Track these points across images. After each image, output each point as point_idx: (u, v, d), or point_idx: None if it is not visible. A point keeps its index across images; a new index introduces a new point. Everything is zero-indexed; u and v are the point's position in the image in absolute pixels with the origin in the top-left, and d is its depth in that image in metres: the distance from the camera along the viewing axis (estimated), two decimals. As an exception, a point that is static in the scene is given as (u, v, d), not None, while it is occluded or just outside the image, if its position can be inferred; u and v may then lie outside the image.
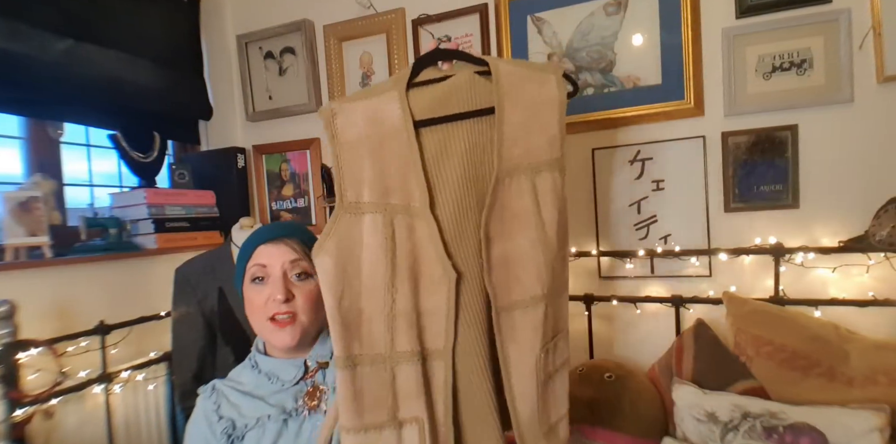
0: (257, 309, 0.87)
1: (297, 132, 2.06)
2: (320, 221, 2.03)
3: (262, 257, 0.88)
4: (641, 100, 1.55)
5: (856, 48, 1.34)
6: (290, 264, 0.87)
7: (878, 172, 1.34)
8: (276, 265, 0.87)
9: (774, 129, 1.42)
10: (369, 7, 1.88)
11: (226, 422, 0.84)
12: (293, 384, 0.87)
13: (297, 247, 0.89)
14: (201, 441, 0.85)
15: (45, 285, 1.45)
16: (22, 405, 1.24)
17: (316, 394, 0.87)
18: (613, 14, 1.56)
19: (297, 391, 0.87)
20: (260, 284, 0.87)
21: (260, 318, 0.87)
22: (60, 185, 1.70)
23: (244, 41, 2.11)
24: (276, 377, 0.88)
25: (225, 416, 0.85)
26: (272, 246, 0.88)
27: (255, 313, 0.88)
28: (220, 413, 0.85)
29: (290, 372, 0.88)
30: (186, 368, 1.41)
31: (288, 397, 0.86)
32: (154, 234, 1.69)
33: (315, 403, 0.86)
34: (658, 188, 1.56)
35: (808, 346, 1.25)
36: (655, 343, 1.51)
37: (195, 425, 0.87)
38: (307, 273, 0.89)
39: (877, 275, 1.33)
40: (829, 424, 1.11)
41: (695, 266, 1.52)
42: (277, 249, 0.88)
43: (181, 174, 1.95)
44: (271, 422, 0.84)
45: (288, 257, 0.87)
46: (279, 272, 0.86)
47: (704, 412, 1.22)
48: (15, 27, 1.45)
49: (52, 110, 1.64)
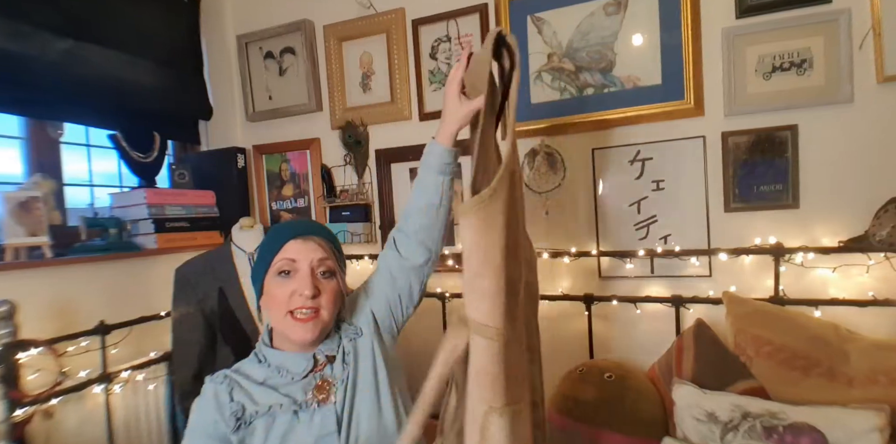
0: (279, 302, 0.87)
1: (297, 132, 2.06)
2: (320, 220, 2.03)
3: (291, 251, 0.89)
4: (641, 100, 1.55)
5: (856, 48, 1.34)
6: (318, 262, 0.89)
7: (877, 171, 1.34)
8: (304, 261, 0.88)
9: (774, 129, 1.42)
10: (369, 7, 1.88)
11: (236, 405, 0.84)
12: (302, 377, 0.88)
13: (325, 245, 0.92)
14: (208, 421, 0.84)
15: (45, 285, 1.45)
16: (22, 405, 1.24)
17: (325, 387, 0.88)
18: (613, 14, 1.56)
19: (306, 384, 0.88)
20: (286, 278, 0.88)
21: (280, 311, 0.87)
22: (60, 185, 1.70)
23: (244, 41, 2.11)
24: (285, 370, 0.88)
25: (236, 400, 0.85)
26: (302, 242, 0.89)
27: (276, 307, 0.88)
28: (232, 396, 0.86)
29: (300, 365, 0.89)
30: (186, 368, 1.41)
31: (297, 389, 0.87)
32: (154, 234, 1.70)
33: (324, 396, 0.88)
34: (658, 188, 1.56)
35: (808, 346, 1.25)
36: (655, 343, 1.51)
37: (203, 404, 0.87)
38: (332, 272, 0.91)
39: (877, 275, 1.33)
40: (829, 424, 1.10)
41: (695, 266, 1.52)
42: (307, 245, 0.89)
43: (181, 174, 1.95)
44: (283, 412, 0.85)
45: (317, 255, 0.89)
46: (307, 268, 0.88)
47: (704, 412, 1.22)
48: (15, 27, 1.45)
49: (52, 110, 1.64)
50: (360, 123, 1.93)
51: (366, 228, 1.92)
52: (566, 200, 1.66)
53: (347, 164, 1.98)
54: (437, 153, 0.95)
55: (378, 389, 0.92)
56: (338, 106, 1.98)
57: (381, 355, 0.95)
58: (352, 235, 1.89)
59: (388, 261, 1.00)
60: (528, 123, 1.68)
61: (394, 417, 0.91)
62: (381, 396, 0.91)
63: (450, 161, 0.96)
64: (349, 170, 1.98)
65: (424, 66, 1.83)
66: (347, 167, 1.98)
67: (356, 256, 1.92)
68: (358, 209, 1.94)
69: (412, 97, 1.86)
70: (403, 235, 0.99)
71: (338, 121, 1.97)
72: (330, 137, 2.01)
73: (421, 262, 0.98)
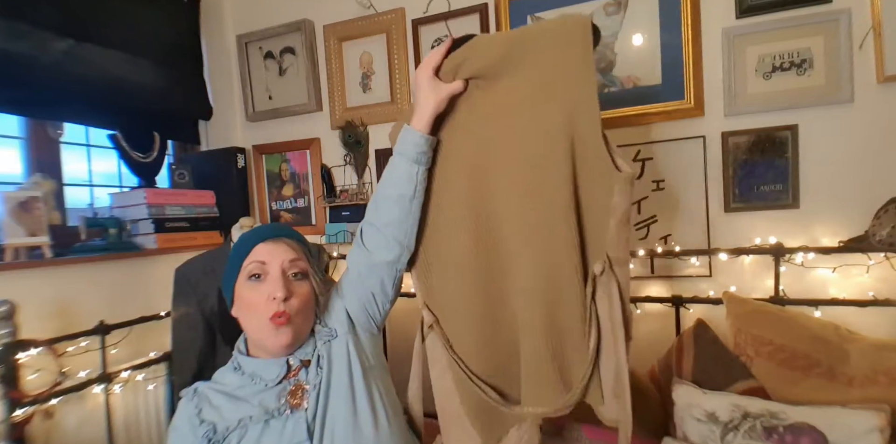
0: (257, 308, 0.85)
1: (297, 132, 2.06)
2: (320, 221, 2.03)
3: (261, 254, 0.86)
4: (641, 100, 1.55)
5: (856, 48, 1.34)
6: (290, 263, 0.87)
7: (878, 171, 1.34)
8: (275, 263, 0.86)
9: (774, 129, 1.42)
10: (369, 7, 1.88)
11: (206, 426, 0.83)
12: (276, 384, 0.86)
13: (295, 246, 0.89)
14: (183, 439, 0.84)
15: (44, 285, 1.45)
16: (22, 406, 1.24)
17: (298, 392, 0.86)
18: (613, 14, 1.56)
19: (280, 389, 0.86)
20: (257, 281, 0.86)
21: (260, 318, 0.85)
22: (60, 185, 1.69)
23: (244, 41, 2.11)
24: (258, 378, 0.87)
25: (206, 420, 0.84)
26: (271, 244, 0.87)
27: (254, 313, 0.86)
28: (201, 417, 0.84)
29: (273, 372, 0.87)
30: (186, 368, 1.41)
31: (271, 396, 0.86)
32: (154, 234, 1.69)
33: (297, 401, 0.86)
34: (658, 188, 1.56)
35: (809, 346, 1.24)
36: (655, 343, 1.50)
37: (177, 428, 0.87)
38: (304, 273, 0.89)
39: (877, 275, 1.33)
40: (829, 424, 1.10)
41: (695, 266, 1.52)
42: (277, 247, 0.87)
43: (181, 174, 1.95)
44: (253, 423, 0.83)
45: (288, 256, 0.87)
46: (278, 270, 0.86)
47: (704, 412, 1.22)
48: (15, 27, 1.45)
49: (51, 110, 1.64)
50: (360, 122, 1.93)
51: (366, 228, 1.92)
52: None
53: (347, 164, 1.98)
54: (413, 141, 0.90)
55: (353, 391, 0.89)
56: (338, 106, 1.98)
57: (357, 355, 0.92)
58: (352, 235, 1.89)
59: (354, 258, 0.96)
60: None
61: (371, 419, 0.88)
62: (356, 398, 0.89)
63: (425, 150, 0.91)
64: (349, 170, 1.98)
65: (424, 66, 1.83)
66: (347, 167, 1.98)
67: (356, 256, 1.92)
68: (358, 209, 1.94)
69: (412, 97, 1.86)
70: (373, 228, 0.94)
71: (338, 121, 1.97)
72: (330, 137, 2.00)
73: (391, 258, 0.93)
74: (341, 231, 1.89)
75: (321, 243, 1.93)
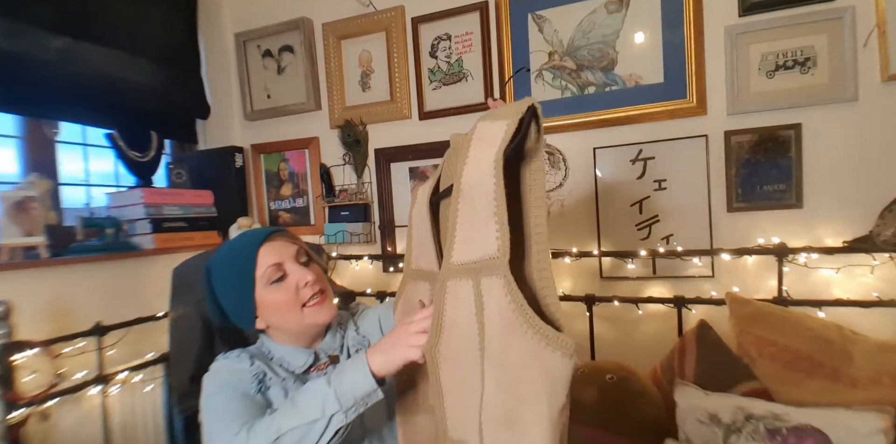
0: (288, 303, 0.85)
1: (296, 131, 2.05)
2: (319, 220, 2.02)
3: (270, 257, 0.86)
4: (643, 99, 1.53)
5: (860, 46, 1.33)
6: (297, 254, 0.89)
7: (882, 171, 1.33)
8: (288, 259, 0.87)
9: (778, 128, 1.41)
10: (369, 5, 1.87)
11: (257, 368, 0.84)
12: (303, 372, 0.88)
13: (290, 239, 0.91)
14: (234, 373, 0.82)
15: (41, 285, 1.44)
16: (18, 407, 1.23)
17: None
18: (615, 12, 1.55)
19: (304, 381, 0.86)
20: (280, 283, 0.86)
21: (294, 310, 0.86)
22: (57, 184, 1.68)
23: (242, 39, 2.09)
24: (287, 363, 0.88)
25: (255, 364, 0.85)
26: (271, 245, 0.88)
27: (290, 309, 0.86)
28: (252, 361, 0.85)
29: (300, 359, 0.88)
30: (184, 369, 1.40)
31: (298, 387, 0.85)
32: (151, 234, 1.68)
33: None
34: (660, 188, 1.55)
35: (812, 347, 1.24)
36: (657, 344, 1.50)
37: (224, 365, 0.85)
38: (309, 258, 0.91)
39: (881, 275, 1.32)
40: (832, 426, 1.10)
41: (697, 266, 1.51)
42: (280, 245, 0.88)
43: (178, 174, 1.94)
44: (295, 385, 0.84)
45: (292, 249, 0.88)
46: (294, 263, 0.87)
47: (707, 413, 1.21)
48: (12, 25, 1.44)
49: (48, 109, 1.62)
50: (359, 122, 1.91)
51: (365, 228, 1.91)
52: (567, 200, 1.65)
53: (346, 163, 1.96)
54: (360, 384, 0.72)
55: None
56: (337, 105, 1.97)
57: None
58: (351, 235, 1.88)
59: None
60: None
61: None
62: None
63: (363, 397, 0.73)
64: (348, 169, 1.97)
65: (424, 65, 1.82)
66: (346, 167, 1.97)
67: (356, 256, 1.91)
68: (357, 209, 1.93)
69: (412, 96, 1.85)
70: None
71: (337, 120, 1.96)
72: (329, 137, 1.99)
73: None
74: (340, 231, 1.88)
75: (320, 243, 1.92)
